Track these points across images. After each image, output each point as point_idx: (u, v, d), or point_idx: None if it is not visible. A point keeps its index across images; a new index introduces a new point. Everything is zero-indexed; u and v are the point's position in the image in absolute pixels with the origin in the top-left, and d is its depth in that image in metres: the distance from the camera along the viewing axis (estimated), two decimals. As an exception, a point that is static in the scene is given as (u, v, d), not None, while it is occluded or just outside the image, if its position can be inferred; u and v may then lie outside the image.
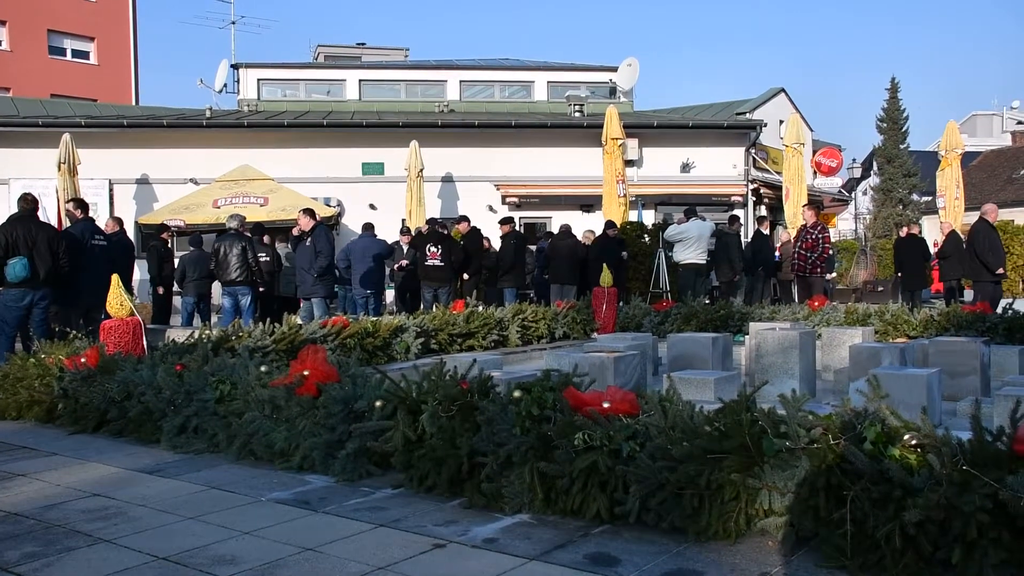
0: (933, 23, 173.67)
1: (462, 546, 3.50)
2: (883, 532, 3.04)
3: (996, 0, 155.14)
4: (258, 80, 25.16)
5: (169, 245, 14.87)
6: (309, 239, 11.67)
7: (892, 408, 3.45)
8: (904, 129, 46.33)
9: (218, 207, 17.91)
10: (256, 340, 8.16)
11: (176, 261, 14.18)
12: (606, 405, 3.92)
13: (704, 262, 15.21)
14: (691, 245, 14.87)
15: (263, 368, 5.58)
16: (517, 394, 4.13)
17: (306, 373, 5.13)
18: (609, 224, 15.58)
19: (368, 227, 14.36)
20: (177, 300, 14.35)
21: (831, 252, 14.99)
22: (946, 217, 18.79)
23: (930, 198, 36.27)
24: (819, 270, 13.94)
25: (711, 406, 3.96)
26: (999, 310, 10.27)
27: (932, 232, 22.85)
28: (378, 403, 4.64)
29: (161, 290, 13.97)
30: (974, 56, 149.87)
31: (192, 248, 13.93)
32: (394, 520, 3.87)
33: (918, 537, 3.00)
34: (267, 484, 4.55)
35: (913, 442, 3.22)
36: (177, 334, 8.69)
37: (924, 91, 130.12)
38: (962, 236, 17.45)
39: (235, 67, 25.42)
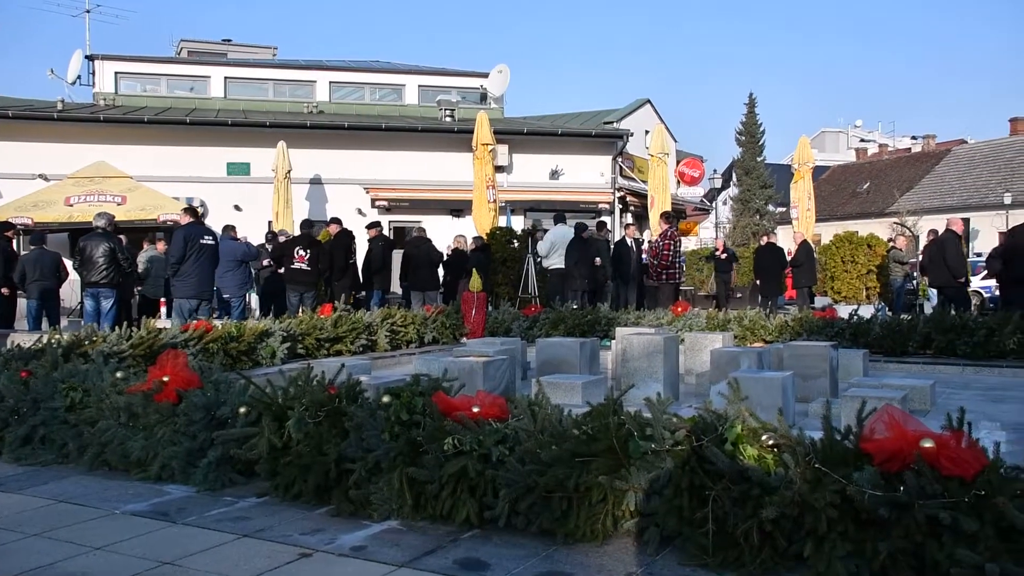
0: (787, 44, 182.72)
1: (329, 555, 3.43)
2: (742, 529, 3.15)
3: (842, 24, 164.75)
4: (115, 73, 24.02)
5: (14, 244, 14.00)
6: None
7: (751, 410, 3.59)
8: (761, 143, 48.50)
9: (71, 205, 16.98)
10: (111, 345, 7.79)
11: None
12: (476, 410, 3.91)
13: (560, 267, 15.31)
14: (556, 250, 15.07)
15: (119, 374, 5.33)
16: (386, 399, 4.08)
17: (166, 379, 4.93)
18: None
19: (228, 229, 13.93)
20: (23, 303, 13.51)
21: (674, 258, 14.86)
22: (799, 227, 19.75)
23: (784, 209, 38.06)
24: (664, 277, 14.30)
25: (579, 410, 4.02)
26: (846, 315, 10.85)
27: (785, 242, 23.93)
28: (242, 409, 4.50)
29: (6, 291, 13.13)
30: (823, 76, 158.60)
31: (33, 247, 13.16)
32: (258, 530, 3.75)
33: (774, 533, 3.12)
34: (122, 496, 4.33)
35: (770, 442, 3.36)
36: (23, 338, 8.20)
37: (779, 107, 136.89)
38: (813, 246, 18.41)
39: (90, 58, 24.18)
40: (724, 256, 19.94)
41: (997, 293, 13.70)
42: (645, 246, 17.26)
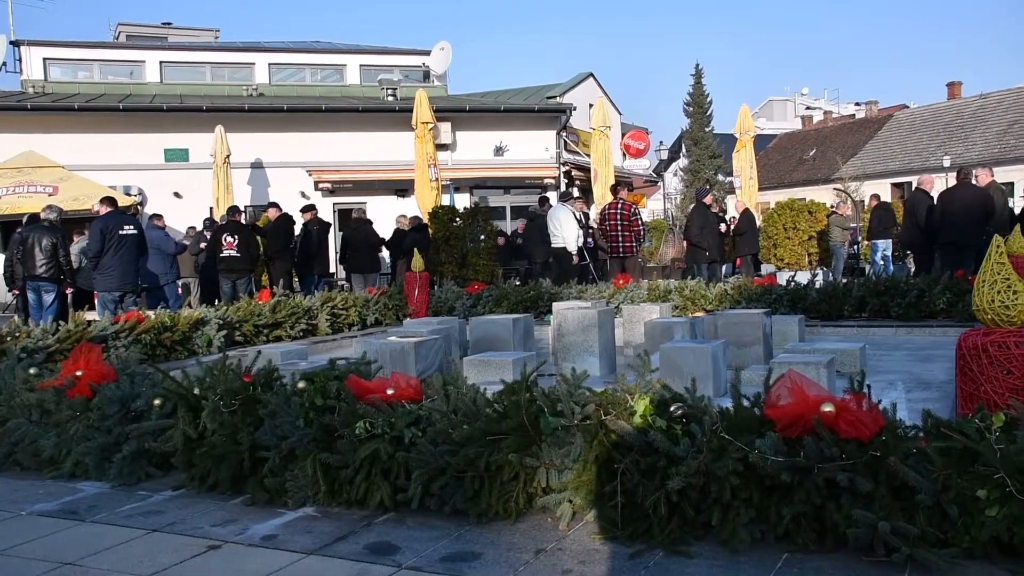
0: (734, 12, 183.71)
1: (238, 546, 3.37)
2: (651, 501, 3.16)
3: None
4: (44, 59, 23.27)
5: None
6: None
7: (663, 381, 3.59)
8: (708, 113, 48.60)
9: (-1, 197, 16.50)
10: (36, 340, 7.60)
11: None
12: (390, 392, 3.87)
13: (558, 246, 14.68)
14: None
15: (32, 370, 5.19)
16: (301, 385, 4.02)
17: (79, 374, 4.81)
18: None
19: (152, 218, 13.68)
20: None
21: (620, 231, 14.58)
22: (741, 196, 19.85)
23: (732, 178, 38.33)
24: (611, 250, 14.10)
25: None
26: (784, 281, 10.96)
27: (733, 211, 24.07)
28: (157, 401, 4.41)
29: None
30: (770, 45, 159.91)
31: None
32: (170, 524, 3.67)
33: (681, 503, 3.13)
34: (31, 496, 4.22)
35: (678, 413, 3.36)
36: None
37: (727, 77, 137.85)
38: (756, 214, 18.53)
39: (15, 44, 23.39)
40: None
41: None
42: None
